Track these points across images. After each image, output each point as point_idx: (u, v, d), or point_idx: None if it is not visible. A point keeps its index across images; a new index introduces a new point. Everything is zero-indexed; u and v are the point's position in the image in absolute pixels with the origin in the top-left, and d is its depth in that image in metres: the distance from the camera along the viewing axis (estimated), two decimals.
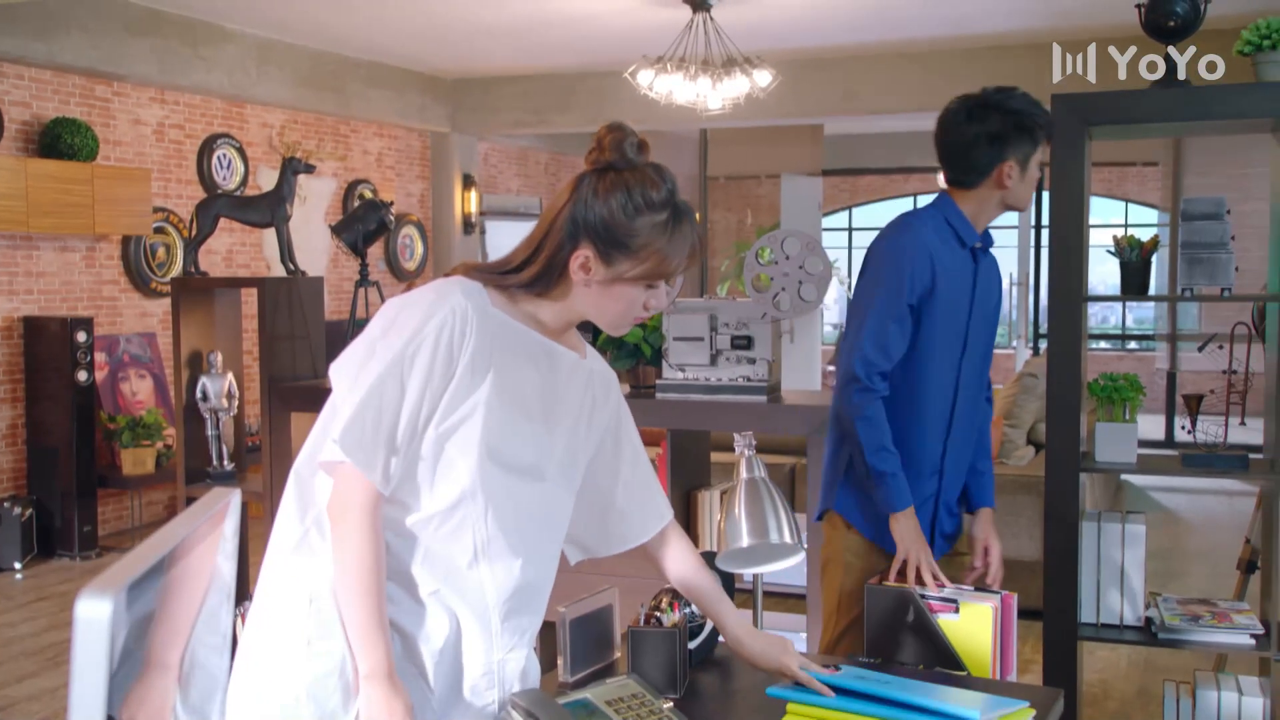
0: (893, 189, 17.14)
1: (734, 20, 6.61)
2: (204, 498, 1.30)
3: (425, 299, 1.74)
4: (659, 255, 1.73)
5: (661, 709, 1.79)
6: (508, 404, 1.77)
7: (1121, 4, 3.70)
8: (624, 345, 3.39)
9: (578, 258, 1.73)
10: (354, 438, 1.67)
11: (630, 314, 1.79)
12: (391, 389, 1.68)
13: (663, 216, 1.73)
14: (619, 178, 1.73)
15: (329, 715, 1.73)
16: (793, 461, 5.51)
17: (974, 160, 2.65)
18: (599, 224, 1.72)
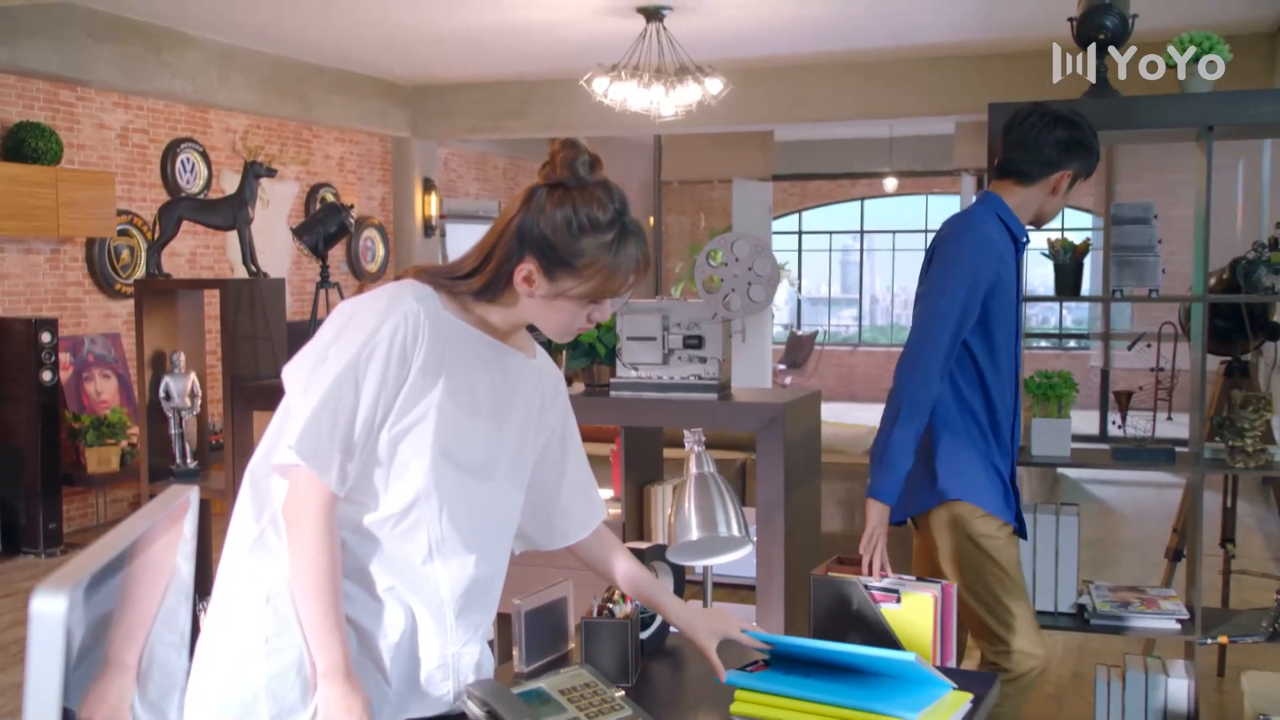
0: (840, 193, 17.24)
1: (686, 30, 6.62)
2: (161, 495, 1.29)
3: (378, 304, 1.72)
4: (602, 275, 1.71)
5: (613, 697, 1.79)
6: (460, 406, 1.76)
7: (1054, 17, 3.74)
8: (579, 345, 3.39)
9: (522, 270, 1.71)
10: (310, 442, 1.66)
11: (573, 325, 1.78)
12: (346, 394, 1.67)
13: (608, 237, 1.70)
14: (567, 195, 1.70)
15: (288, 710, 1.72)
16: (743, 457, 5.52)
17: (1045, 157, 2.74)
18: (544, 241, 1.70)
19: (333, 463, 1.67)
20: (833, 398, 15.61)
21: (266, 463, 1.75)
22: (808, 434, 3.28)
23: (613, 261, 1.71)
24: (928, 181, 15.45)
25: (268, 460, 1.75)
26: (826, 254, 18.46)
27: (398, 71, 8.60)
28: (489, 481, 1.82)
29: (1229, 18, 6.31)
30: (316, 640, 1.69)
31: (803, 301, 18.57)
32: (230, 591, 1.78)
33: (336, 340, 1.71)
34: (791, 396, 3.19)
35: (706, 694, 1.97)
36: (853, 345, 17.70)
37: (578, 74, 6.80)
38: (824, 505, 5.50)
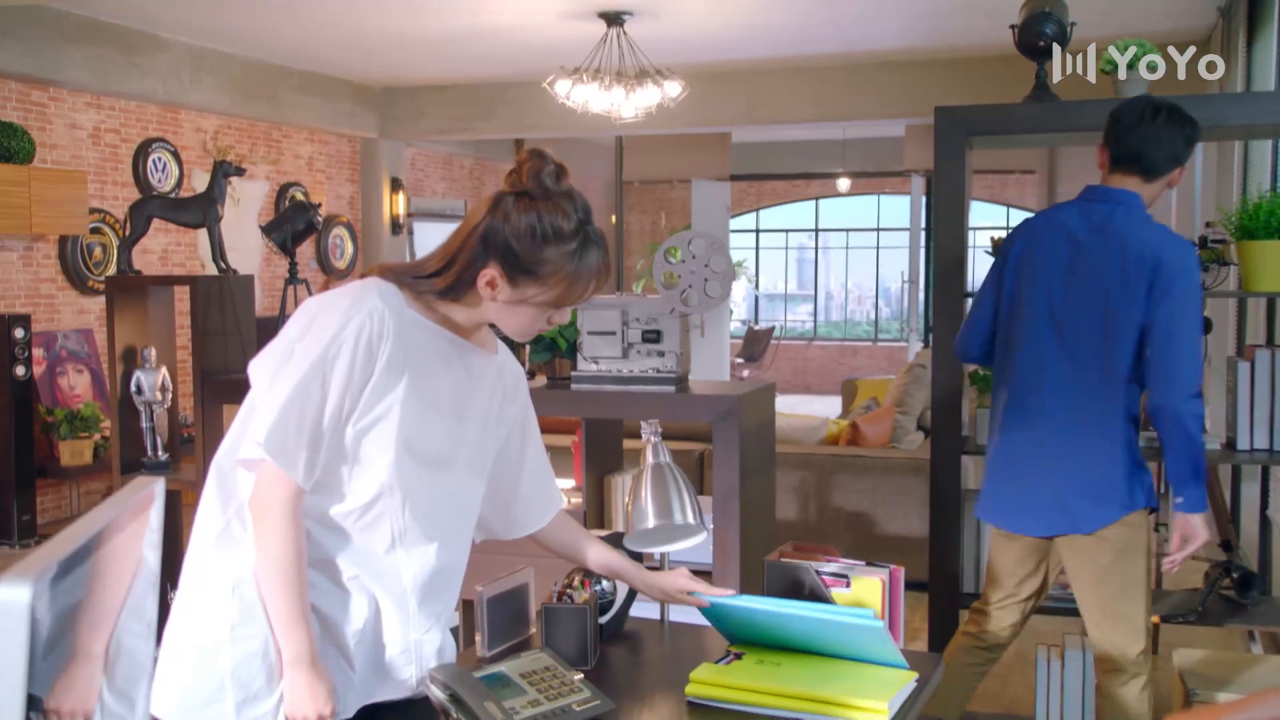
0: (795, 193, 17.30)
1: (646, 35, 6.62)
2: (126, 487, 1.27)
3: (343, 302, 1.71)
4: (565, 283, 1.70)
5: (572, 680, 1.79)
6: (423, 401, 1.75)
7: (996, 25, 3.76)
8: (541, 340, 3.38)
9: (485, 275, 1.71)
10: (277, 438, 1.65)
11: (534, 328, 1.77)
12: (313, 390, 1.66)
13: (571, 246, 1.69)
14: (533, 205, 1.69)
15: (253, 697, 1.71)
16: (702, 448, 5.54)
17: (1175, 153, 2.69)
18: (508, 248, 1.69)
19: (299, 458, 1.66)
20: (789, 390, 15.68)
21: (232, 456, 1.74)
22: (762, 425, 3.29)
23: (575, 270, 1.70)
24: (879, 182, 15.54)
25: (234, 454, 1.74)
26: (783, 251, 18.52)
27: (366, 74, 8.54)
28: (450, 474, 1.81)
29: (1162, 27, 6.38)
30: (282, 629, 1.68)
31: (760, 297, 18.63)
32: (197, 581, 1.76)
33: (303, 338, 1.69)
34: (746, 389, 3.20)
35: (663, 676, 1.98)
36: (808, 339, 17.77)
37: (541, 77, 6.77)
38: (779, 493, 5.53)
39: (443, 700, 1.67)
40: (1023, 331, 2.76)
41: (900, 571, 2.45)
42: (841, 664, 1.92)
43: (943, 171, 3.24)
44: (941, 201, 3.26)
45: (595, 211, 4.78)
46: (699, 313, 3.25)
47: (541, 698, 1.72)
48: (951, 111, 3.22)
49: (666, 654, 2.10)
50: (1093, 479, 2.68)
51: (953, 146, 3.22)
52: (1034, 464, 2.75)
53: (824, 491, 5.79)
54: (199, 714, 1.72)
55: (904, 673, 1.87)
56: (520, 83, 8.48)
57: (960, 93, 7.05)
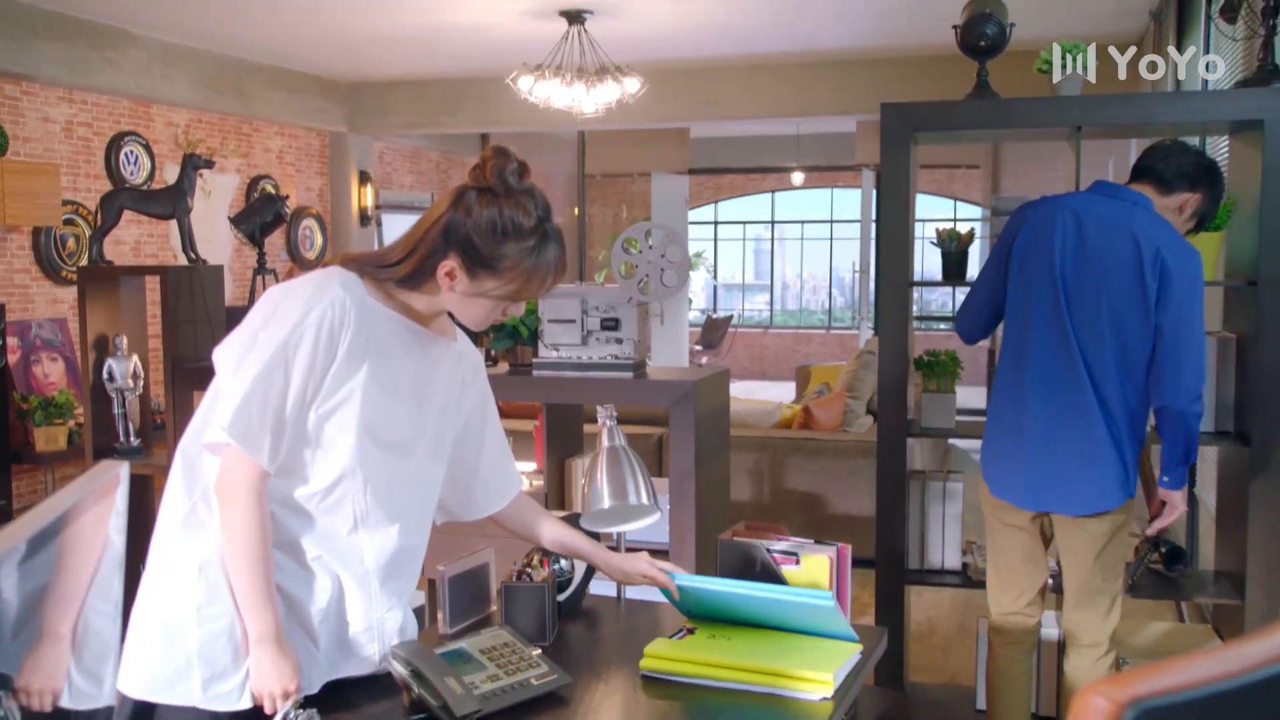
0: (752, 186, 17.33)
1: (606, 33, 6.60)
2: (90, 470, 1.25)
3: (305, 291, 1.69)
4: (523, 278, 1.70)
5: (531, 655, 1.79)
6: (383, 388, 1.74)
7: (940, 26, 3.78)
8: (503, 327, 3.37)
9: (445, 266, 1.70)
10: (241, 423, 1.63)
11: (489, 319, 1.76)
12: (276, 377, 1.65)
13: (530, 242, 1.68)
14: (494, 201, 1.68)
15: (219, 674, 1.69)
16: (660, 432, 5.54)
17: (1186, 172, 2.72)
18: (468, 242, 1.68)
19: (263, 442, 1.65)
20: (746, 376, 15.73)
21: (198, 441, 1.73)
22: (717, 409, 3.30)
23: (533, 266, 1.69)
24: (832, 176, 15.59)
25: (199, 438, 1.72)
26: (740, 243, 18.55)
27: (335, 70, 8.46)
28: (410, 458, 1.81)
29: (1097, 29, 6.44)
30: (249, 609, 1.67)
31: (718, 287, 18.65)
32: (163, 562, 1.75)
33: (266, 326, 1.68)
34: (701, 375, 3.20)
35: (618, 651, 1.98)
36: (764, 328, 17.82)
37: (505, 73, 6.73)
38: (735, 475, 5.55)
39: (404, 675, 1.67)
40: (1034, 312, 2.72)
41: (848, 549, 2.47)
42: (789, 637, 1.93)
43: (888, 165, 3.25)
44: (887, 193, 3.27)
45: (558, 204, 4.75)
46: (656, 301, 3.25)
47: (501, 672, 1.72)
48: (897, 108, 3.24)
49: (623, 630, 2.11)
50: (1110, 461, 2.69)
51: (898, 141, 3.23)
52: (1063, 445, 2.71)
53: (778, 473, 5.81)
54: (166, 692, 1.70)
55: (849, 644, 1.88)
56: (485, 79, 8.43)
57: (908, 90, 7.09)
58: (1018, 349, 2.76)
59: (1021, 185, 10.40)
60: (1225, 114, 2.98)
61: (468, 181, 1.71)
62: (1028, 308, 2.73)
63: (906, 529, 3.37)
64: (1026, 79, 3.42)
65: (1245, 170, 3.08)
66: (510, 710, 1.66)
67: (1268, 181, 2.87)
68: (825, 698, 1.72)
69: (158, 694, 1.70)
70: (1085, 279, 2.66)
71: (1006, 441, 2.81)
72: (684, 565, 3.11)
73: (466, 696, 1.63)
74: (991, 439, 2.86)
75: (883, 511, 3.34)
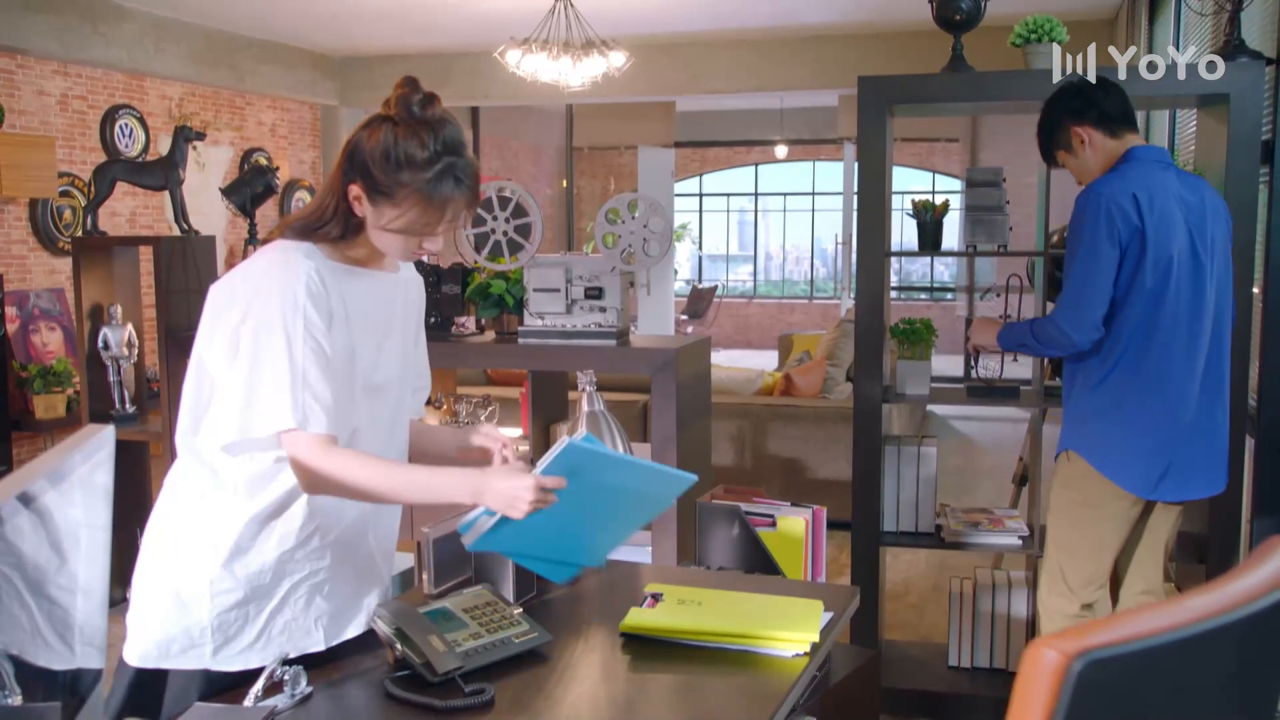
0: (736, 159, 17.28)
1: (592, 7, 6.54)
2: (75, 435, 1.25)
3: (274, 272, 1.67)
4: (417, 209, 1.66)
5: (512, 614, 1.79)
6: (366, 341, 1.76)
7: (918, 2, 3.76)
8: (489, 295, 3.36)
9: (352, 190, 1.68)
10: (299, 413, 1.62)
11: (406, 252, 1.74)
12: (297, 354, 1.63)
13: (426, 174, 1.64)
14: (393, 130, 1.65)
15: (230, 639, 1.73)
16: (643, 399, 5.55)
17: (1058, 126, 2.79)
18: (365, 168, 1.66)
19: (319, 414, 1.64)
20: (730, 345, 15.74)
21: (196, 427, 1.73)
22: (698, 376, 3.30)
23: (426, 197, 1.65)
24: (814, 149, 15.55)
25: (196, 426, 1.72)
26: (725, 215, 18.52)
27: (326, 43, 8.38)
28: (390, 395, 1.84)
29: (1072, 4, 6.41)
30: (440, 498, 1.69)
31: (703, 258, 18.63)
32: (172, 537, 1.76)
33: (246, 320, 1.65)
34: (683, 343, 3.20)
35: (599, 610, 1.99)
36: (748, 297, 17.82)
37: (493, 47, 6.68)
38: (717, 441, 5.56)
39: (389, 634, 1.67)
40: (1173, 303, 2.58)
41: (823, 511, 2.48)
42: (756, 598, 1.93)
43: (866, 137, 3.24)
44: (865, 165, 3.26)
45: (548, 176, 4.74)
46: (639, 270, 3.24)
47: (483, 630, 1.73)
48: (874, 81, 3.22)
49: (603, 590, 2.11)
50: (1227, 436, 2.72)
51: (875, 114, 3.22)
52: (1210, 429, 2.65)
53: (759, 439, 5.83)
54: (178, 659, 1.73)
55: (817, 604, 1.89)
56: (473, 53, 8.37)
57: (888, 64, 7.06)
58: (1153, 344, 2.59)
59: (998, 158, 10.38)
60: (1192, 88, 2.98)
61: (381, 110, 1.69)
62: (1165, 301, 2.58)
63: (882, 492, 3.38)
64: (1002, 53, 3.40)
65: (1212, 143, 3.08)
66: (491, 667, 1.67)
67: (1232, 153, 2.87)
68: (799, 654, 1.73)
69: (169, 660, 1.72)
70: (1206, 256, 2.61)
71: (1154, 432, 2.62)
72: (666, 528, 3.13)
73: (449, 654, 1.63)
74: (1132, 434, 2.64)
75: (859, 475, 3.35)
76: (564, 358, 3.20)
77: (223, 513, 1.72)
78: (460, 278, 3.41)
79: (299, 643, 1.76)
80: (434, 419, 3.78)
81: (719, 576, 2.24)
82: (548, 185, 12.94)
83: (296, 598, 1.75)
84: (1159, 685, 0.80)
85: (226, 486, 1.72)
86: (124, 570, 1.85)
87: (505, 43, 6.48)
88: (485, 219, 3.18)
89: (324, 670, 1.70)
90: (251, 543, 1.72)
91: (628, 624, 1.82)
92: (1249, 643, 0.87)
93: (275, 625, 1.74)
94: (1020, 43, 3.05)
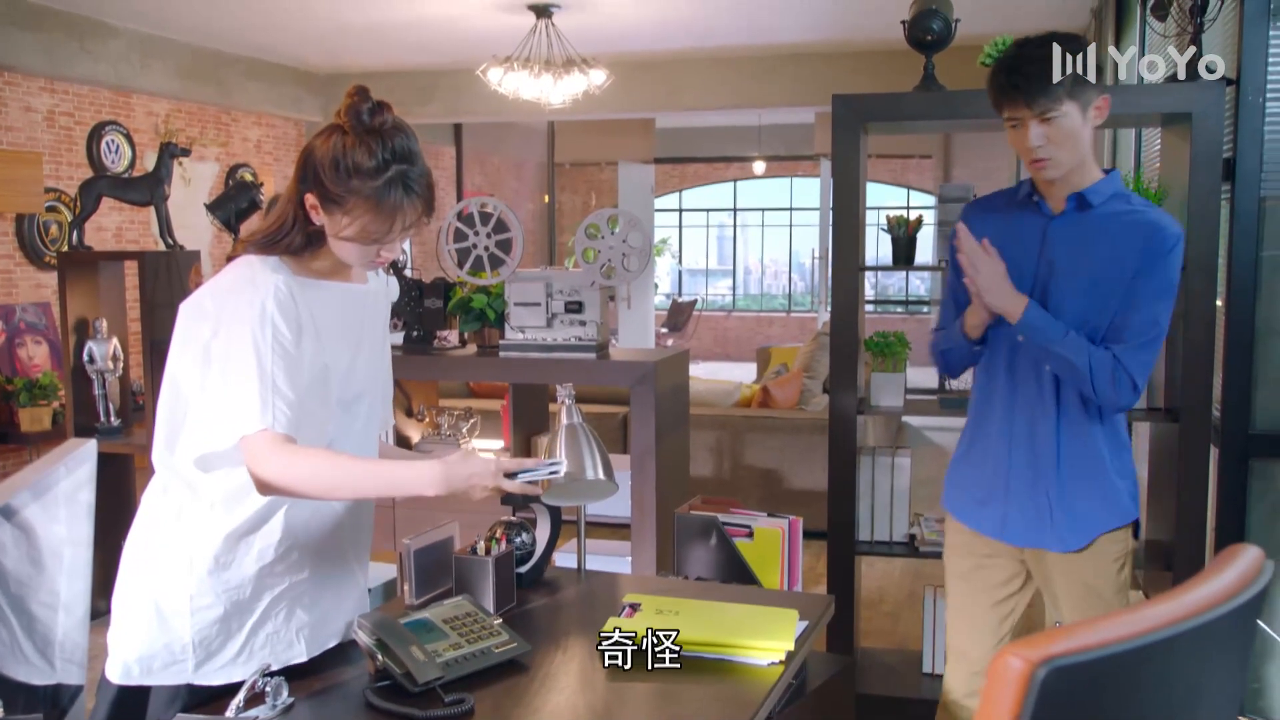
0: (715, 175, 17.33)
1: (572, 26, 6.56)
2: (58, 448, 1.23)
3: (240, 287, 1.66)
4: (367, 217, 1.64)
5: (492, 624, 1.79)
6: (339, 354, 1.75)
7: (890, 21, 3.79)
8: (471, 310, 3.35)
9: (309, 199, 1.67)
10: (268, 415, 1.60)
11: (367, 260, 1.72)
12: (266, 363, 1.62)
13: (375, 182, 1.63)
14: (341, 140, 1.64)
15: (211, 654, 1.72)
16: (623, 411, 5.54)
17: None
18: (317, 176, 1.65)
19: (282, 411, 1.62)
20: (709, 358, 15.75)
21: (171, 444, 1.72)
22: (676, 388, 3.30)
23: (376, 205, 1.63)
24: (791, 165, 15.62)
25: (172, 443, 1.71)
26: (704, 230, 18.55)
27: (310, 61, 8.37)
28: (362, 405, 1.83)
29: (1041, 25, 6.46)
30: (394, 490, 1.66)
31: (683, 272, 18.65)
32: (149, 554, 1.74)
33: (216, 335, 1.63)
34: (661, 355, 3.21)
35: (578, 620, 1.99)
36: (727, 311, 17.85)
37: (475, 65, 6.69)
38: (695, 452, 5.56)
39: (370, 645, 1.66)
40: None
41: (799, 521, 2.49)
42: (732, 607, 1.93)
43: (840, 153, 3.25)
44: (839, 181, 3.28)
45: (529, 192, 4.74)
46: (619, 285, 3.24)
47: (463, 641, 1.72)
48: (848, 99, 3.24)
49: (582, 600, 2.11)
50: None
51: (850, 131, 3.24)
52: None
53: (737, 450, 5.83)
54: (159, 675, 1.71)
55: (792, 613, 1.89)
56: (456, 70, 8.37)
57: (862, 83, 7.10)
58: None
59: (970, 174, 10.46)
60: (1156, 107, 3.01)
61: (334, 119, 1.68)
62: None
63: (857, 502, 3.39)
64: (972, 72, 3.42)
65: (1175, 160, 3.11)
66: (471, 677, 1.66)
67: (1195, 171, 2.89)
68: (774, 662, 1.73)
69: (151, 677, 1.71)
70: None
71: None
72: (645, 538, 3.12)
73: (429, 664, 1.63)
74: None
75: (834, 485, 3.36)
76: (544, 370, 3.20)
77: (201, 529, 1.70)
78: (442, 292, 3.41)
79: (281, 655, 1.75)
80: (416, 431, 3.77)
81: (697, 586, 2.24)
82: (529, 200, 12.94)
83: (277, 610, 1.74)
84: (1123, 691, 0.81)
85: (204, 502, 1.70)
86: (107, 581, 1.84)
87: (487, 61, 6.49)
88: (467, 234, 3.17)
89: (305, 681, 1.69)
90: (231, 558, 1.71)
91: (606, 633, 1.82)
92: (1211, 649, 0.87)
93: (257, 639, 1.73)
94: (989, 62, 3.06)
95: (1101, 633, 0.80)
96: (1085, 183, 2.14)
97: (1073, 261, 2.14)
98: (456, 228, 3.20)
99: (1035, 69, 2.07)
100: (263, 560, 1.72)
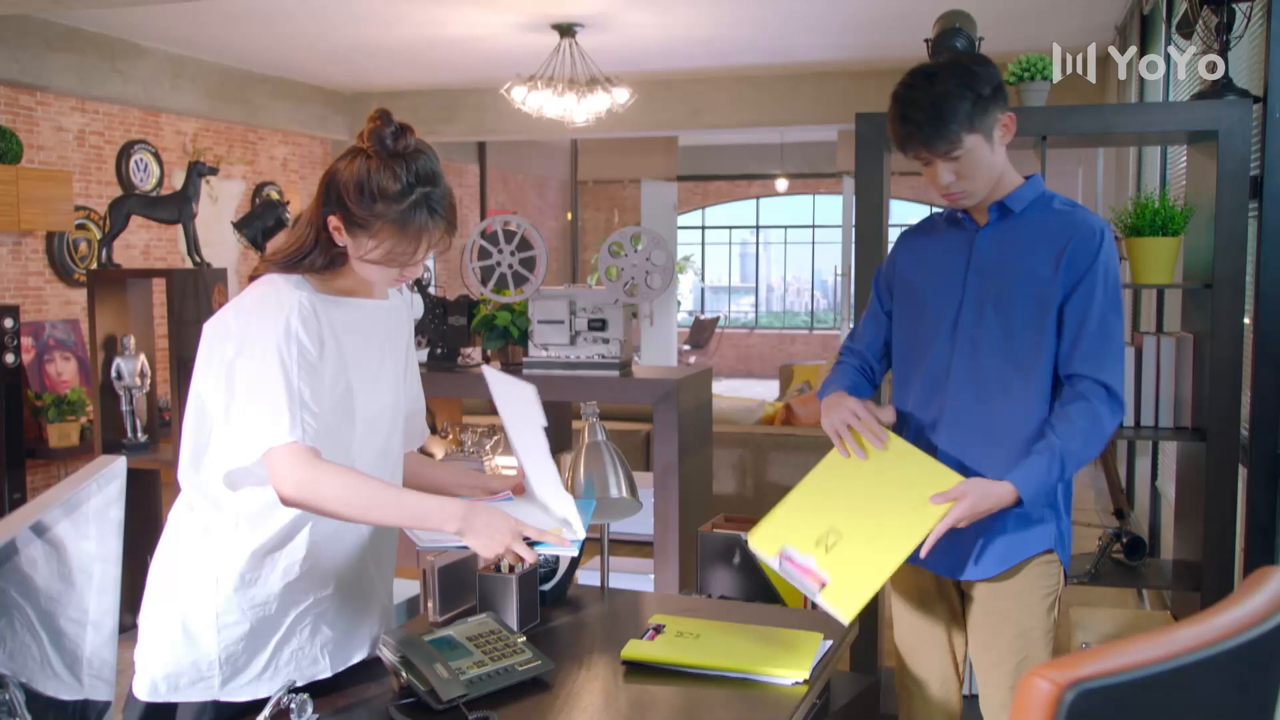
0: (738, 193, 17.34)
1: (596, 45, 6.59)
2: (88, 465, 1.25)
3: (264, 305, 1.67)
4: (391, 240, 1.65)
5: (515, 642, 1.79)
6: (361, 371, 1.76)
7: (914, 40, 3.79)
8: (494, 328, 3.37)
9: (332, 222, 1.68)
10: (283, 425, 1.60)
11: (388, 280, 1.73)
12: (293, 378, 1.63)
13: (400, 206, 1.63)
14: (365, 164, 1.64)
15: (238, 670, 1.73)
16: (646, 428, 5.54)
17: None
18: (340, 200, 1.65)
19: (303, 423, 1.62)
20: (731, 374, 15.74)
21: (197, 461, 1.72)
22: (699, 406, 3.30)
23: (400, 229, 1.64)
24: (814, 183, 15.61)
25: (198, 460, 1.72)
26: (726, 247, 18.56)
27: (336, 80, 8.45)
28: (384, 423, 1.83)
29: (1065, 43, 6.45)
30: (421, 521, 1.65)
31: (705, 290, 18.66)
32: (176, 572, 1.75)
33: (241, 353, 1.64)
34: (684, 373, 3.21)
35: (601, 638, 1.98)
36: (750, 328, 17.83)
37: (499, 84, 6.73)
38: (718, 469, 5.55)
39: (394, 662, 1.66)
40: None
41: None
42: (754, 629, 1.92)
43: (863, 171, 3.25)
44: (862, 198, 3.27)
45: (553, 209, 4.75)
46: (642, 302, 3.25)
47: (486, 658, 1.72)
48: (871, 117, 3.24)
49: (606, 618, 2.11)
50: None
51: (873, 149, 3.24)
52: None
53: (760, 467, 5.82)
54: (186, 691, 1.72)
55: (816, 635, 1.88)
56: (480, 89, 8.43)
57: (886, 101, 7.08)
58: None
59: None
60: (1182, 125, 2.99)
61: (355, 143, 1.69)
62: None
63: None
64: None
65: (1202, 178, 3.09)
66: (495, 694, 1.66)
67: (1222, 189, 2.87)
68: (798, 682, 1.72)
69: (177, 694, 1.72)
70: None
71: None
72: (668, 556, 3.12)
73: (453, 681, 1.63)
74: None
75: None
76: (568, 388, 3.20)
77: (227, 546, 1.71)
78: (466, 309, 3.42)
79: (306, 671, 1.75)
80: (440, 448, 3.78)
81: (720, 606, 2.23)
82: (552, 218, 12.99)
83: (302, 627, 1.75)
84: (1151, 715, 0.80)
85: (229, 520, 1.71)
86: (133, 597, 1.85)
87: (511, 79, 6.53)
88: (491, 252, 3.19)
89: (330, 698, 1.70)
90: (256, 574, 1.72)
91: (628, 654, 1.81)
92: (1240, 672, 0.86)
93: (282, 655, 1.74)
94: (1014, 80, 3.07)
95: (1131, 655, 0.80)
96: (1005, 191, 2.11)
97: (999, 267, 2.09)
98: (480, 245, 3.22)
99: (924, 114, 1.98)
100: (288, 577, 1.73)
